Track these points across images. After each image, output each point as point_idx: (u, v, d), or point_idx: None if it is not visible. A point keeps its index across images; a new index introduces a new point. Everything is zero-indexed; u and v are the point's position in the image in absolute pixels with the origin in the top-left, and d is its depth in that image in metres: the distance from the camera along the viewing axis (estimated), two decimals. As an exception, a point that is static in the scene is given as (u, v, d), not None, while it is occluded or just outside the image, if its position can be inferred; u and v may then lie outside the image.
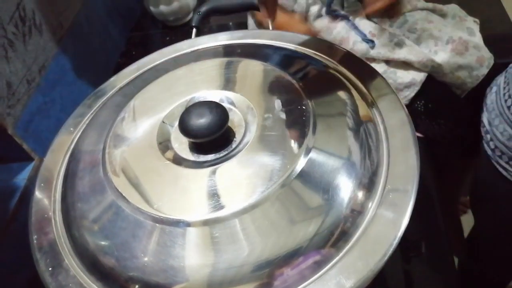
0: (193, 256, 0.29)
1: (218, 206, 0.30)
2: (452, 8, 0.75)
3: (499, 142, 0.52)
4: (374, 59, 0.67)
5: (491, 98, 0.56)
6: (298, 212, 0.30)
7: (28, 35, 0.63)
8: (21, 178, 0.60)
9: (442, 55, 0.67)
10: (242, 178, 0.31)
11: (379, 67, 0.66)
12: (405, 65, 0.67)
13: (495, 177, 0.55)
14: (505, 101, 0.51)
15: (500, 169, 0.54)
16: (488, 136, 0.55)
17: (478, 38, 0.72)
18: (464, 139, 0.69)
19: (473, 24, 0.74)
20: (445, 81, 0.68)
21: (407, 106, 0.67)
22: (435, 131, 0.66)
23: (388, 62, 0.67)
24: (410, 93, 0.66)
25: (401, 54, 0.65)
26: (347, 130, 0.34)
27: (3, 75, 0.58)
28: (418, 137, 0.65)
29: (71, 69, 0.73)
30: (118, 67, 0.84)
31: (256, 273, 0.28)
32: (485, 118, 0.57)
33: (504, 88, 0.52)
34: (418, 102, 0.67)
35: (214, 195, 0.30)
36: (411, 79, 0.65)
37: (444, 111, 0.66)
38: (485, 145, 0.56)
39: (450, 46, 0.67)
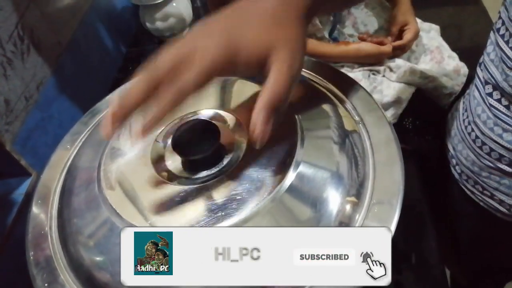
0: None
1: (210, 222, 0.30)
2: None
3: (464, 167, 0.53)
4: (360, 80, 0.69)
5: (451, 123, 0.57)
6: (288, 225, 0.31)
7: (26, 53, 0.64)
8: (19, 193, 0.60)
9: (423, 66, 0.70)
10: (234, 193, 0.32)
11: (366, 87, 0.68)
12: (391, 82, 0.69)
13: (463, 199, 0.55)
14: (465, 127, 0.51)
15: (468, 192, 0.54)
16: (454, 161, 0.55)
17: (447, 47, 0.75)
18: None
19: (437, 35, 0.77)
20: (429, 90, 0.70)
21: (396, 124, 0.69)
22: (424, 147, 0.68)
23: (374, 80, 0.69)
24: (397, 110, 0.68)
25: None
26: (334, 145, 0.35)
27: (1, 92, 0.59)
28: (407, 150, 0.66)
29: (69, 85, 0.74)
30: (116, 83, 0.86)
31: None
32: (449, 144, 0.57)
33: (463, 114, 0.52)
34: (406, 120, 0.69)
35: (206, 211, 0.31)
36: (397, 98, 0.67)
37: (431, 128, 0.68)
38: (452, 169, 0.56)
39: (429, 56, 0.71)
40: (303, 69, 0.42)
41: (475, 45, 0.78)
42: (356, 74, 0.70)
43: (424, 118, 0.69)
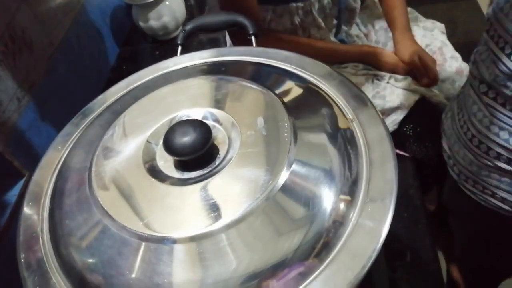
0: (179, 272, 0.30)
1: (204, 222, 0.30)
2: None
3: (462, 167, 0.52)
4: (363, 84, 0.69)
5: (447, 123, 0.56)
6: (282, 224, 0.31)
7: (18, 53, 0.64)
8: (12, 195, 0.60)
9: None
10: (227, 193, 0.32)
11: (368, 92, 0.68)
12: (395, 88, 0.68)
13: (463, 199, 0.54)
14: (461, 126, 0.50)
15: (468, 193, 0.54)
16: (451, 161, 0.55)
17: (450, 48, 0.74)
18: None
19: (440, 34, 0.77)
20: (431, 97, 0.69)
21: (396, 130, 0.68)
22: (422, 154, 0.67)
23: (378, 86, 0.68)
24: (398, 116, 0.67)
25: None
26: (328, 144, 0.35)
27: (-7, 93, 0.58)
28: (405, 156, 0.65)
29: (62, 85, 0.74)
30: (110, 83, 0.85)
31: (243, 286, 0.29)
32: (445, 144, 0.56)
33: (458, 113, 0.52)
34: (407, 126, 0.68)
35: (199, 211, 0.31)
36: (399, 104, 0.66)
37: (431, 135, 0.67)
38: (450, 170, 0.56)
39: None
40: (298, 68, 0.41)
41: (469, 41, 0.78)
42: (359, 78, 0.69)
43: (425, 125, 0.68)
